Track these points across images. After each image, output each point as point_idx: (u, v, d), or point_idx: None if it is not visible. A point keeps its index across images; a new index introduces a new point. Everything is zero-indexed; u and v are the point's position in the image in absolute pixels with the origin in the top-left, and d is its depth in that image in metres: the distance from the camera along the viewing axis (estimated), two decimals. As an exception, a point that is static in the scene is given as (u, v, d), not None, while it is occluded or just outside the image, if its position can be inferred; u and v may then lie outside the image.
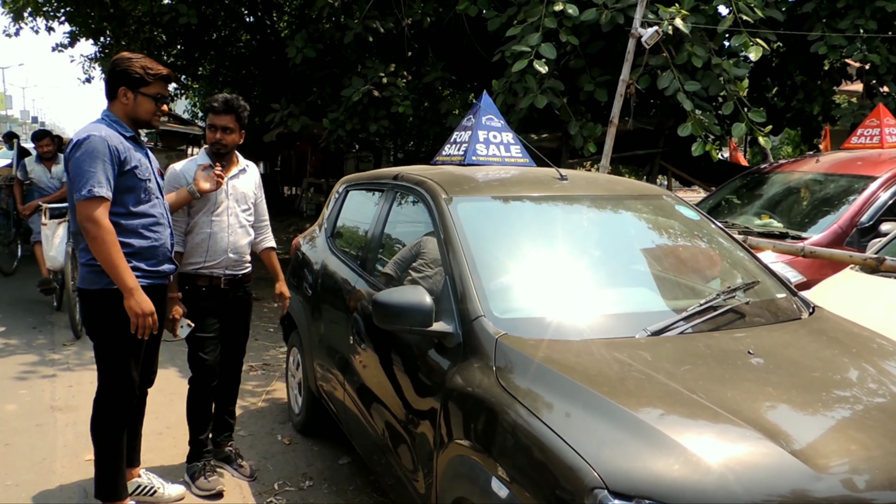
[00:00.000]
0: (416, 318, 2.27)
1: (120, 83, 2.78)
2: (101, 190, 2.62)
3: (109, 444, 2.85)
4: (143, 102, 2.81)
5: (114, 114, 2.82)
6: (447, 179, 2.91)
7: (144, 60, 2.82)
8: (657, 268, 2.78)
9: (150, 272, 2.81)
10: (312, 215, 14.63)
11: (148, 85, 2.80)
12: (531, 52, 5.63)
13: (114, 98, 2.81)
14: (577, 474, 1.61)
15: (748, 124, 5.48)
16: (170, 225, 2.97)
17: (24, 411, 4.22)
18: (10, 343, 5.59)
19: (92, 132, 2.69)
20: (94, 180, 2.61)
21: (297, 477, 3.52)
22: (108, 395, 2.85)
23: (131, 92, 2.79)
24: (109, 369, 2.83)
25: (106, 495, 2.89)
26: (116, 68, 2.78)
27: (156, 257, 2.85)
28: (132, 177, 2.75)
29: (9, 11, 13.35)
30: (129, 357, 2.81)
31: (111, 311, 2.74)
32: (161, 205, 2.92)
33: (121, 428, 2.87)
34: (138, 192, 2.79)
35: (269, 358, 5.49)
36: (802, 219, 4.95)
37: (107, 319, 2.77)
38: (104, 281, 2.72)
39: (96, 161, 2.63)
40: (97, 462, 2.88)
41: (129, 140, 2.80)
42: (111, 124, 2.78)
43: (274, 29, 13.35)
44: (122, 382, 2.82)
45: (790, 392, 1.92)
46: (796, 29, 6.15)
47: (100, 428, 2.86)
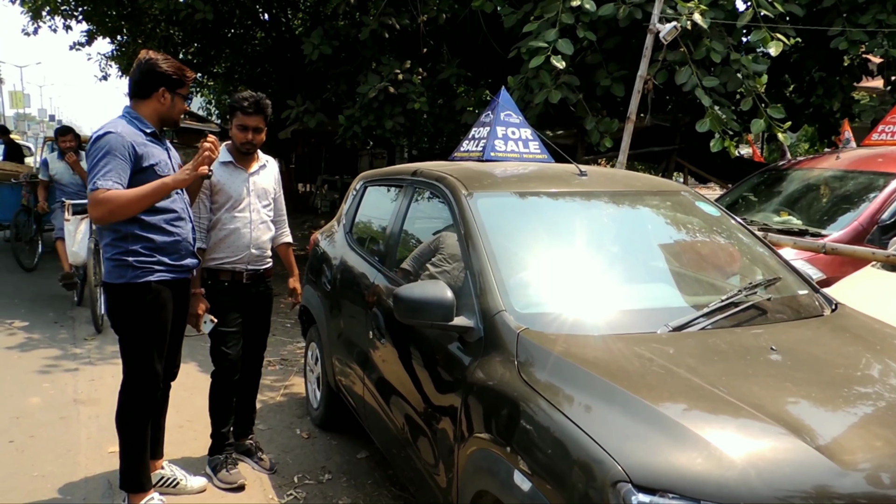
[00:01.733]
0: (438, 313, 2.28)
1: (160, 84, 2.82)
2: (107, 183, 2.64)
3: (134, 436, 2.90)
4: (178, 103, 2.90)
5: (136, 111, 2.85)
6: (467, 175, 2.92)
7: (176, 62, 2.88)
8: (677, 264, 2.77)
9: (173, 266, 2.86)
10: (327, 212, 14.70)
11: (183, 86, 2.88)
12: (548, 47, 5.62)
13: (146, 97, 2.84)
14: (601, 467, 1.62)
15: (767, 120, 5.44)
16: (191, 220, 3.01)
17: (48, 404, 4.28)
18: (33, 337, 5.66)
19: (109, 129, 2.73)
20: (102, 174, 2.65)
21: (317, 470, 3.55)
22: (132, 387, 2.90)
23: (169, 93, 2.84)
24: (134, 362, 2.88)
25: (130, 486, 2.94)
26: (157, 69, 2.81)
27: (178, 251, 2.89)
28: (151, 173, 2.78)
29: (28, 10, 13.49)
30: (152, 349, 2.86)
31: (135, 305, 2.79)
32: (182, 200, 2.95)
33: (145, 420, 2.92)
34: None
35: (286, 353, 5.53)
36: (822, 216, 4.91)
37: (130, 312, 2.82)
38: (129, 275, 2.77)
39: (109, 156, 2.67)
40: (122, 453, 2.93)
41: (149, 136, 2.83)
42: (131, 121, 2.81)
43: (289, 26, 13.40)
44: (146, 374, 2.87)
45: (813, 388, 1.91)
46: (816, 24, 6.09)
47: (124, 419, 2.91)
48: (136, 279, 2.76)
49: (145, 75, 2.83)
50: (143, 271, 2.77)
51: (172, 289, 2.88)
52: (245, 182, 3.31)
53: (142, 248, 2.78)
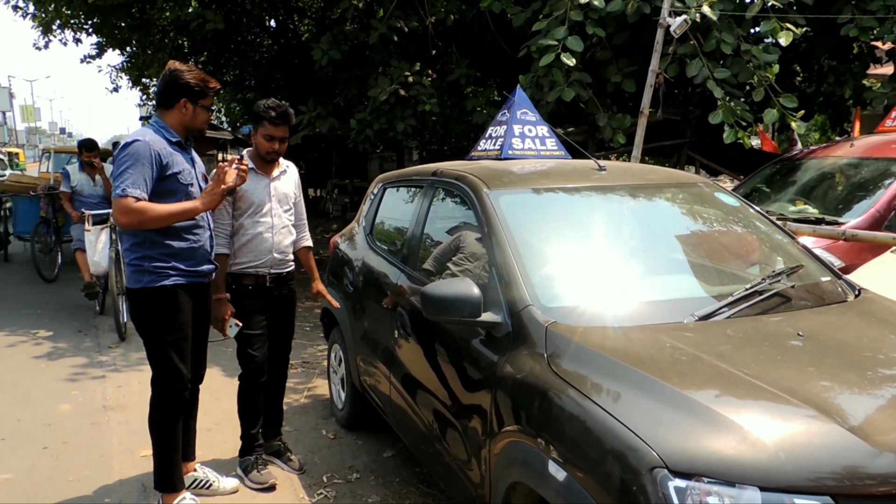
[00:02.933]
0: (465, 309, 2.32)
1: (182, 95, 2.89)
2: (136, 191, 2.72)
3: (165, 437, 2.98)
4: (200, 113, 2.96)
5: (163, 120, 2.93)
6: (487, 173, 2.96)
7: (200, 73, 2.94)
8: (699, 254, 2.80)
9: (188, 272, 2.93)
10: (338, 216, 14.78)
11: (206, 97, 2.94)
12: (558, 45, 5.65)
13: (170, 107, 2.92)
14: (637, 454, 1.65)
15: (780, 110, 5.44)
16: (210, 227, 3.08)
17: (79, 411, 4.36)
18: (59, 346, 5.75)
19: (138, 137, 2.82)
20: (130, 181, 2.73)
21: (345, 470, 3.60)
22: (160, 388, 2.98)
23: (191, 104, 2.91)
24: (159, 364, 2.96)
25: (164, 486, 3.02)
26: (179, 80, 2.88)
27: (194, 258, 2.95)
28: (175, 181, 2.86)
29: (38, 25, 13.66)
30: (174, 351, 2.94)
31: (153, 308, 2.89)
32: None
33: (175, 420, 2.99)
34: (180, 195, 2.89)
35: (307, 356, 5.59)
36: (838, 204, 4.91)
37: (150, 316, 2.91)
38: (146, 279, 2.85)
39: (136, 164, 2.75)
40: (155, 454, 3.00)
41: (175, 145, 2.91)
42: (158, 130, 2.90)
43: (296, 33, 13.49)
44: (172, 375, 2.95)
45: (842, 371, 1.94)
46: (825, 12, 6.08)
47: (155, 420, 2.98)
48: (152, 283, 2.85)
49: (168, 86, 2.91)
50: (158, 276, 2.86)
51: (189, 293, 2.96)
52: (267, 188, 3.36)
53: (158, 253, 2.86)
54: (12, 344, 5.82)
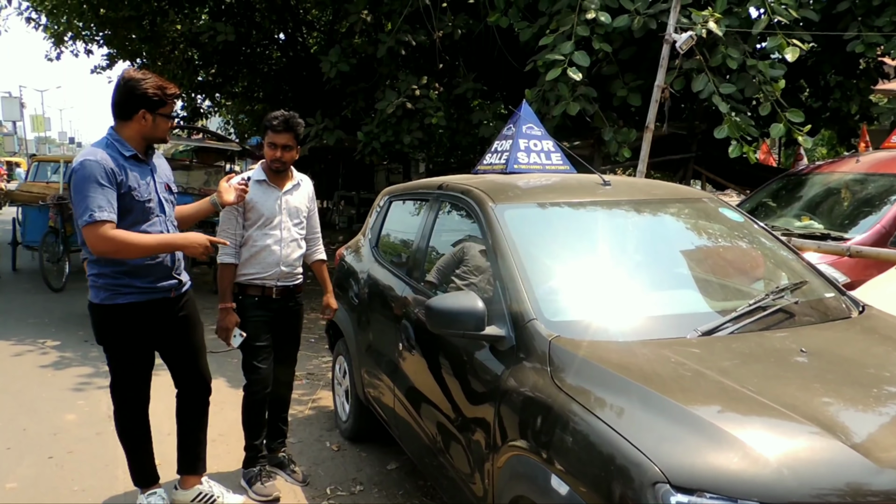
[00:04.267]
0: (470, 323, 2.33)
1: (140, 105, 2.79)
2: (103, 213, 2.65)
3: (126, 437, 3.12)
4: (161, 122, 2.86)
5: (119, 133, 2.84)
6: (492, 187, 2.98)
7: (157, 80, 2.84)
8: (703, 270, 2.81)
9: (144, 289, 2.88)
10: (345, 227, 14.83)
11: (165, 105, 2.85)
12: (564, 60, 5.69)
13: (128, 119, 2.82)
14: (639, 469, 1.65)
15: (786, 125, 5.46)
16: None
17: (84, 420, 4.38)
18: (66, 356, 5.78)
19: (87, 157, 2.71)
20: (94, 204, 2.65)
21: (348, 482, 3.60)
22: (115, 396, 3.09)
23: (150, 114, 2.82)
24: (113, 373, 3.06)
25: (137, 481, 3.17)
26: (136, 91, 2.77)
27: (151, 275, 2.89)
28: (129, 198, 2.78)
29: (50, 36, 13.83)
30: (129, 365, 3.01)
31: (107, 324, 2.92)
32: (162, 222, 2.92)
33: (133, 427, 3.10)
34: (136, 212, 2.81)
35: (312, 367, 5.60)
36: (843, 220, 4.91)
37: (106, 331, 2.95)
38: (102, 296, 2.85)
39: (92, 185, 2.66)
40: (126, 455, 3.15)
41: (130, 160, 2.81)
42: (111, 144, 2.80)
43: (304, 45, 13.61)
44: (125, 388, 3.05)
45: (845, 388, 1.94)
46: (831, 28, 6.11)
47: (117, 424, 3.11)
48: (107, 301, 2.84)
49: (125, 97, 2.79)
50: (112, 294, 2.83)
51: (148, 309, 2.89)
52: (277, 201, 3.38)
53: (111, 271, 2.81)
54: (19, 353, 5.85)
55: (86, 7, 11.35)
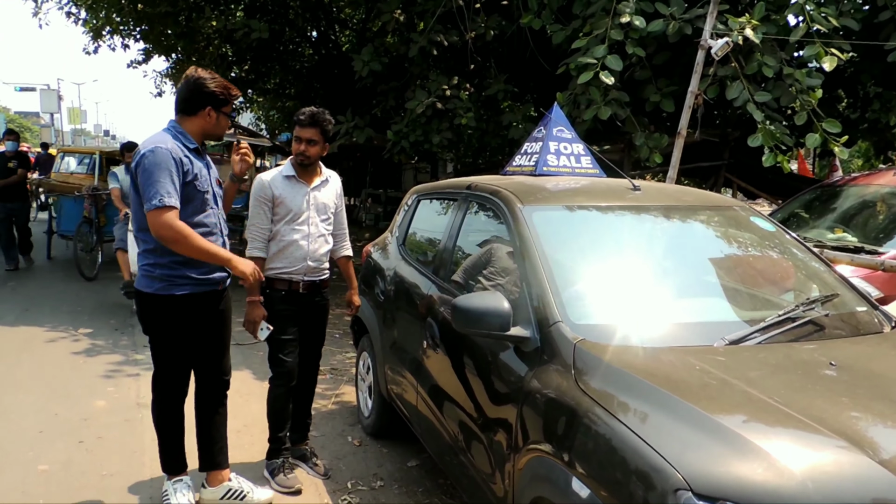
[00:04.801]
0: (495, 323, 2.34)
1: (207, 102, 2.93)
2: (170, 199, 2.75)
3: (162, 426, 3.15)
4: (222, 120, 3.00)
5: (182, 126, 2.96)
6: (521, 189, 2.98)
7: (222, 81, 2.98)
8: (732, 278, 2.79)
9: (198, 280, 2.94)
10: (371, 225, 14.91)
11: (228, 104, 2.98)
12: (597, 63, 5.67)
13: (193, 114, 2.95)
14: (661, 475, 1.65)
15: (822, 135, 5.37)
16: (223, 234, 3.08)
17: (113, 407, 4.47)
18: (97, 344, 5.91)
19: (158, 144, 2.82)
20: (164, 190, 2.75)
21: (369, 477, 3.63)
22: (158, 386, 3.12)
23: (215, 111, 2.95)
24: (160, 364, 3.09)
25: (166, 468, 3.19)
26: (205, 88, 2.91)
27: (206, 265, 2.95)
28: (192, 188, 2.88)
29: (89, 31, 14.12)
30: (178, 357, 3.04)
31: (160, 314, 2.95)
32: (216, 214, 3.03)
33: (172, 417, 3.13)
34: (196, 202, 2.91)
35: (336, 362, 5.65)
36: (878, 233, 4.82)
37: (156, 321, 2.99)
38: (155, 286, 2.90)
39: (163, 171, 2.76)
40: (160, 444, 3.18)
41: (192, 151, 2.93)
42: (176, 136, 2.91)
43: (336, 44, 13.72)
44: (171, 379, 3.09)
45: (875, 403, 1.91)
46: (872, 37, 5.99)
47: (155, 417, 3.15)
48: (162, 291, 2.89)
49: (193, 93, 2.92)
50: (168, 284, 2.88)
51: (200, 301, 2.96)
52: (305, 196, 3.42)
53: (168, 261, 2.87)
54: (53, 340, 5.99)
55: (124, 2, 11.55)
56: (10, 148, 9.08)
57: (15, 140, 9.21)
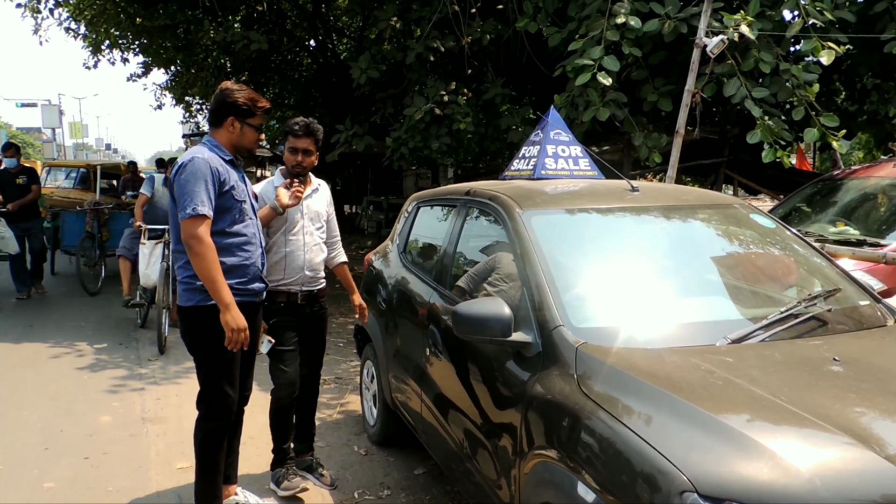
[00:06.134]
0: (496, 329, 2.33)
1: (229, 113, 2.95)
2: (204, 208, 2.78)
3: (208, 455, 2.98)
4: (248, 132, 3.00)
5: (214, 139, 3.00)
6: (520, 193, 2.98)
7: (250, 93, 2.99)
8: (733, 277, 2.77)
9: (239, 290, 2.93)
10: (373, 232, 14.92)
11: (254, 116, 2.99)
12: (594, 65, 5.66)
13: (219, 126, 2.98)
14: (667, 478, 1.64)
15: (820, 129, 5.36)
16: (262, 245, 3.09)
17: (118, 422, 4.47)
18: (101, 359, 5.91)
19: (196, 154, 2.87)
20: (198, 199, 2.77)
21: (376, 486, 3.62)
22: (205, 408, 2.99)
23: (238, 122, 2.96)
24: (206, 383, 2.97)
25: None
26: (227, 99, 2.95)
27: (246, 275, 2.97)
28: (229, 198, 2.91)
29: (88, 45, 14.20)
30: (224, 371, 2.94)
31: (203, 327, 2.89)
32: (254, 225, 3.06)
33: (219, 440, 2.99)
34: (234, 212, 2.94)
35: (340, 371, 5.64)
36: (880, 225, 4.80)
37: (202, 335, 2.92)
38: (196, 298, 2.87)
39: (199, 181, 2.80)
40: (196, 472, 3.01)
41: (228, 163, 2.96)
42: (212, 148, 2.96)
43: (334, 52, 13.76)
44: (218, 396, 2.95)
45: (879, 398, 1.90)
46: (868, 29, 5.98)
47: (199, 440, 2.99)
48: (203, 302, 2.86)
49: (218, 105, 2.99)
50: (208, 295, 2.83)
51: (241, 311, 2.89)
52: (298, 206, 3.42)
53: None
54: (57, 355, 6.00)
55: (123, 16, 11.62)
56: (10, 164, 8.26)
57: (15, 155, 8.32)
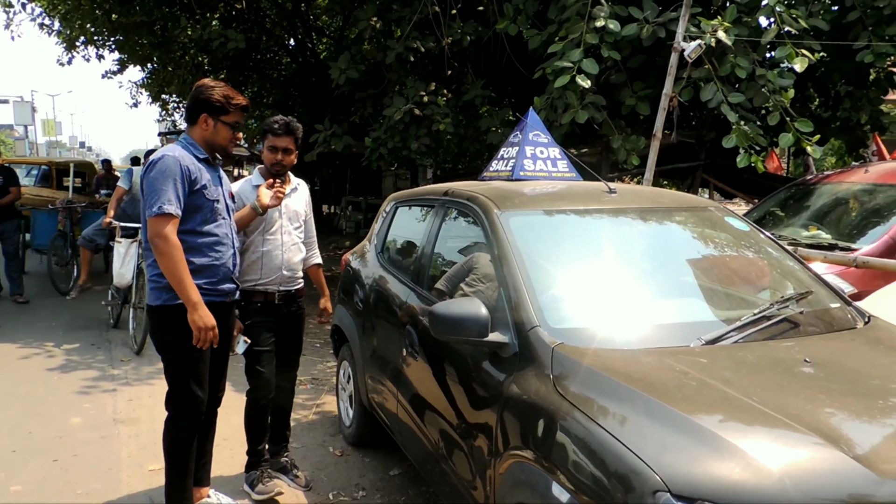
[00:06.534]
0: (473, 329, 2.33)
1: (202, 110, 2.92)
2: (171, 207, 2.74)
3: (177, 457, 2.95)
4: (221, 129, 2.95)
5: (191, 137, 2.96)
6: (498, 194, 2.98)
7: (226, 90, 2.95)
8: (708, 279, 2.80)
9: (208, 290, 2.89)
10: (352, 233, 14.86)
11: (228, 113, 2.94)
12: (573, 67, 5.69)
13: (194, 123, 2.95)
14: (640, 477, 1.65)
15: (795, 134, 5.44)
16: (234, 246, 3.05)
17: (89, 424, 4.39)
18: (73, 359, 5.81)
19: (166, 152, 2.84)
20: (165, 198, 2.74)
21: (351, 487, 3.60)
22: (174, 408, 2.95)
23: (212, 119, 2.92)
24: (175, 384, 2.93)
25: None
26: (200, 96, 2.91)
27: (215, 276, 2.93)
28: (200, 197, 2.87)
29: (63, 41, 13.97)
30: (192, 371, 2.90)
31: (171, 326, 2.85)
32: (227, 225, 3.01)
33: (188, 441, 2.95)
34: (205, 211, 2.90)
35: (317, 372, 5.60)
36: (851, 230, 4.88)
37: (169, 334, 2.88)
38: (164, 297, 2.84)
39: (168, 179, 2.76)
40: (167, 474, 2.97)
41: (202, 162, 2.92)
42: (186, 146, 2.92)
43: (314, 52, 13.67)
44: (187, 396, 2.91)
45: (849, 399, 1.93)
46: (842, 37, 6.08)
47: (168, 441, 2.95)
48: (171, 301, 2.82)
49: (192, 101, 2.97)
50: (176, 294, 2.79)
51: (211, 311, 2.87)
52: (277, 206, 3.39)
53: None
54: (26, 356, 5.89)
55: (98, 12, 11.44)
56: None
57: None
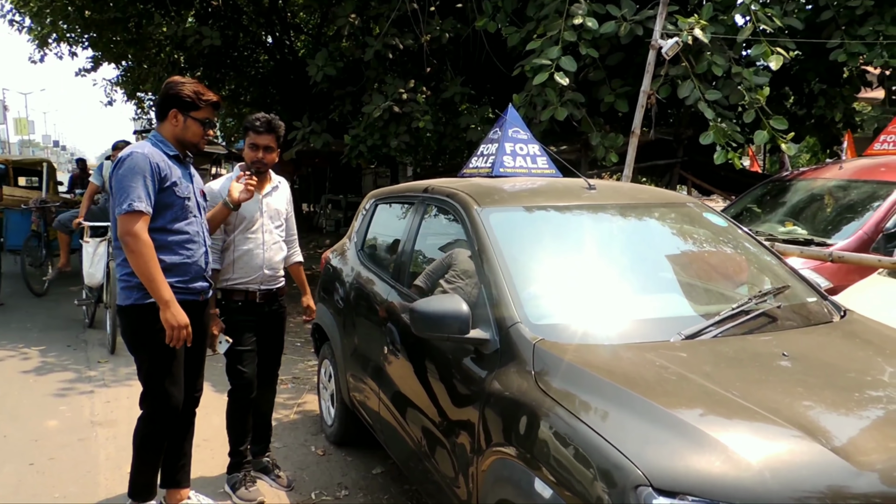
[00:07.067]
0: (454, 326, 2.32)
1: (171, 105, 2.88)
2: (141, 205, 2.71)
3: (147, 454, 2.94)
4: (191, 125, 2.92)
5: (161, 134, 2.93)
6: (478, 191, 2.98)
7: (196, 86, 2.91)
8: (687, 274, 2.83)
9: (179, 288, 2.85)
10: (332, 231, 14.78)
11: (198, 109, 2.90)
12: (552, 65, 5.71)
13: (163, 119, 2.92)
14: (621, 472, 1.65)
15: (770, 132, 5.50)
16: (206, 244, 3.01)
17: (66, 426, 4.32)
18: (48, 361, 5.72)
19: (135, 149, 2.80)
20: (135, 195, 2.71)
21: (333, 487, 3.58)
22: (147, 407, 2.93)
23: (181, 115, 2.89)
24: (147, 383, 2.91)
25: (135, 493, 2.99)
26: (170, 91, 2.88)
27: (187, 274, 2.89)
28: (171, 194, 2.84)
29: (34, 38, 13.71)
30: (164, 371, 2.87)
31: (142, 326, 2.82)
32: (198, 223, 2.98)
33: (160, 440, 2.94)
34: (175, 209, 2.86)
35: (298, 371, 5.57)
36: (827, 225, 4.96)
37: (139, 333, 2.86)
38: (135, 296, 2.80)
39: (137, 176, 2.73)
40: (133, 467, 2.97)
41: (172, 159, 2.89)
42: (156, 143, 2.89)
43: (292, 49, 13.58)
44: (160, 396, 2.88)
45: (826, 392, 1.95)
46: (815, 36, 6.17)
47: (140, 438, 2.94)
48: (142, 300, 2.79)
49: (161, 97, 2.94)
50: (147, 293, 2.76)
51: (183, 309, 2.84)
52: (258, 204, 3.36)
53: None
54: (1, 359, 5.77)
55: (71, 9, 11.25)
56: None
57: None
